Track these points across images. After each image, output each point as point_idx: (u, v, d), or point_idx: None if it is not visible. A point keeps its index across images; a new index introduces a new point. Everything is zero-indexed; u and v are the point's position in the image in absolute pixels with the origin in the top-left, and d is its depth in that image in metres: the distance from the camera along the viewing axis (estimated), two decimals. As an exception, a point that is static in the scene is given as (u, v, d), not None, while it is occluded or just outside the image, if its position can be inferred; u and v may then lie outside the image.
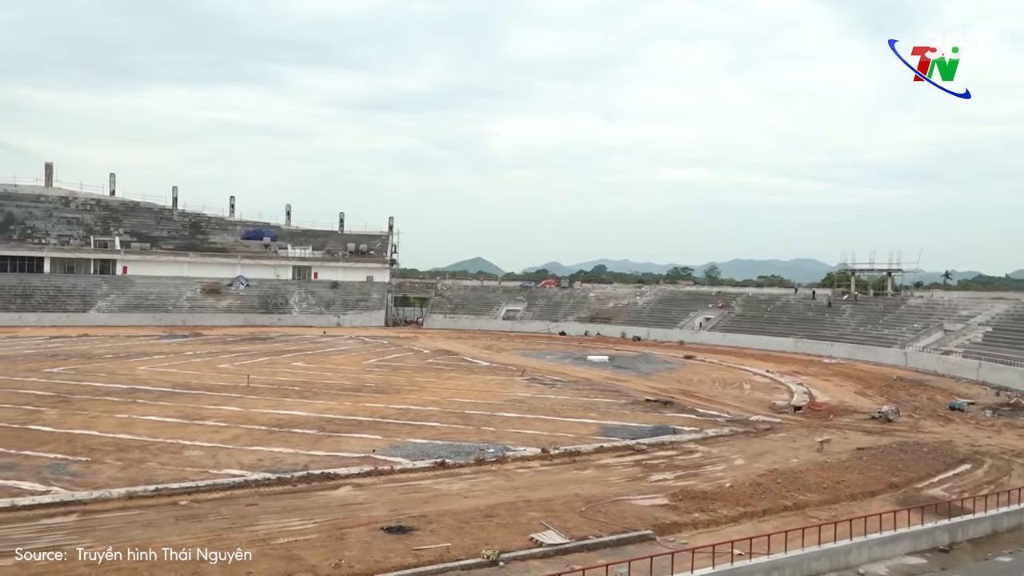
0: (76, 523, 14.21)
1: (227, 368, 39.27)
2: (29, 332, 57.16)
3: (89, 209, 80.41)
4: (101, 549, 12.48)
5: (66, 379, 33.49)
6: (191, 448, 20.69)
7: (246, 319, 71.48)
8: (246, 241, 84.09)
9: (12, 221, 75.19)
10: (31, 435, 21.78)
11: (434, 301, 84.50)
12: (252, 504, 15.63)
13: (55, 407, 26.33)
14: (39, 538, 13.23)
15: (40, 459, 19.03)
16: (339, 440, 22.37)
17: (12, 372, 35.11)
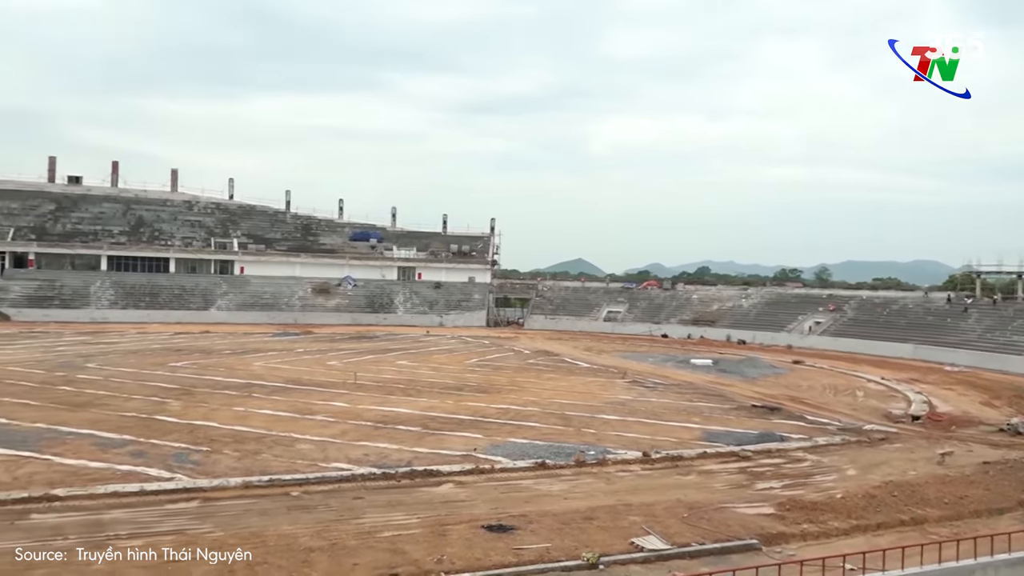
0: (197, 509, 15.01)
1: (335, 365, 40.66)
2: (156, 328, 60.96)
3: (210, 212, 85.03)
4: (220, 534, 13.19)
5: (189, 373, 35.50)
6: (302, 442, 21.52)
7: (353, 318, 73.82)
8: (354, 242, 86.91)
9: (142, 224, 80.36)
10: (158, 425, 23.20)
11: (534, 302, 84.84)
12: (358, 497, 16.11)
13: (179, 399, 27.95)
14: (164, 522, 14.07)
15: (165, 448, 20.24)
16: (441, 438, 22.77)
17: (141, 366, 37.53)
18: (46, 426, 22.40)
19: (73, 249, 74.77)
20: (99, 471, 17.70)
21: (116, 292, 71.14)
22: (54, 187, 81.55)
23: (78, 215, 79.04)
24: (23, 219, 76.22)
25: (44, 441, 20.46)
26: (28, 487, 16.09)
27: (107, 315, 66.86)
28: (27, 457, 18.76)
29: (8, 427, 22.13)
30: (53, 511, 14.53)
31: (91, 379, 32.48)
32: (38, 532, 13.23)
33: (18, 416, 23.69)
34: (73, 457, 18.90)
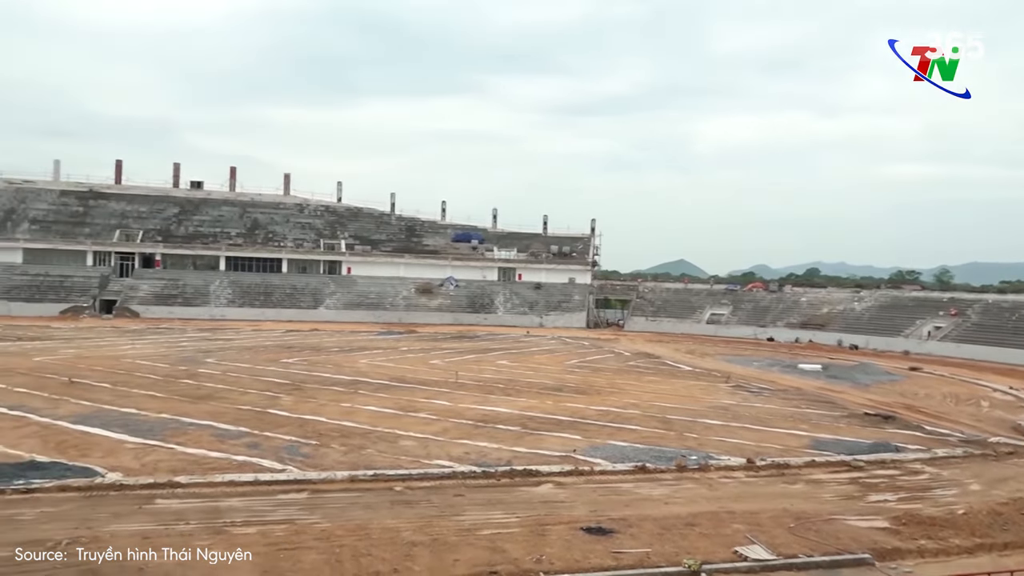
0: (306, 500, 15.60)
1: (438, 364, 41.43)
2: (269, 326, 63.81)
3: (319, 215, 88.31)
4: (327, 525, 13.67)
5: (299, 369, 36.96)
6: (405, 438, 22.03)
7: (455, 318, 75.03)
8: (456, 243, 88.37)
9: (257, 227, 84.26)
10: (270, 418, 24.26)
11: (635, 303, 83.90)
12: (459, 495, 16.35)
13: (290, 394, 29.15)
14: (276, 511, 14.69)
15: (277, 440, 21.14)
16: (540, 438, 22.83)
17: (256, 361, 39.36)
18: (170, 417, 23.79)
19: (195, 250, 79.22)
20: (217, 461, 18.67)
21: (233, 291, 74.86)
22: (178, 192, 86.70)
23: (199, 218, 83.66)
24: (151, 222, 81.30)
25: (168, 431, 21.74)
26: (154, 473, 17.14)
27: (225, 312, 70.46)
28: (153, 445, 19.99)
29: (137, 417, 23.65)
30: (176, 497, 15.41)
31: (210, 373, 34.30)
32: (162, 516, 14.07)
33: (145, 407, 25.29)
34: (194, 447, 20.00)
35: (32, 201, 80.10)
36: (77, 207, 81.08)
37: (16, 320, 60.02)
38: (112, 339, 49.39)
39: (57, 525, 13.23)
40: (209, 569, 11.55)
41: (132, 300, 70.93)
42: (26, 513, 13.99)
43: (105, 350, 42.53)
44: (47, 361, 36.31)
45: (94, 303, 69.62)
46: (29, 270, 72.30)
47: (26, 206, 79.39)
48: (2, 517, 13.72)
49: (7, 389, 27.71)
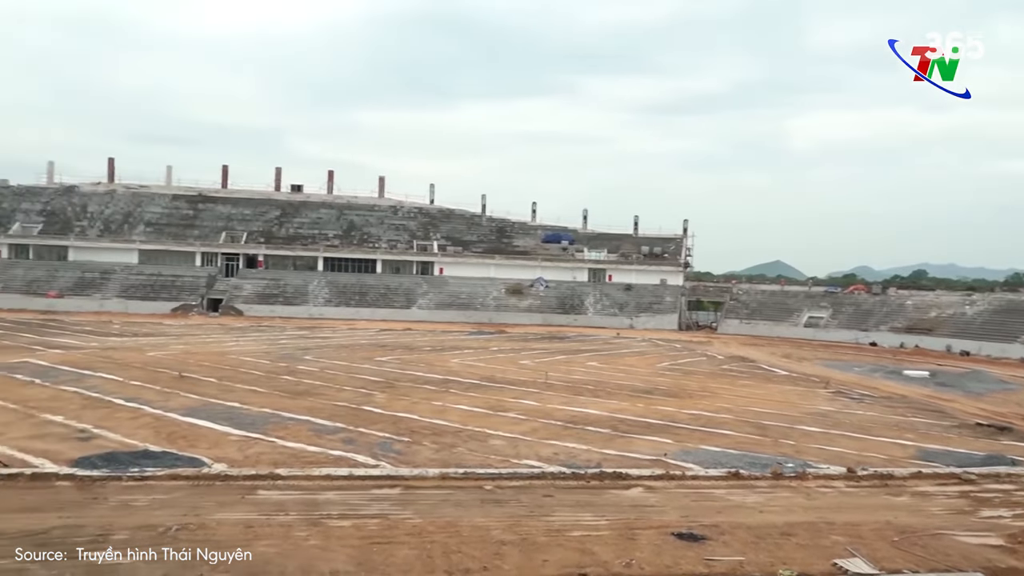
0: (399, 495, 15.93)
1: (527, 364, 41.60)
2: (364, 325, 65.55)
3: (412, 217, 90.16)
4: (419, 521, 13.93)
5: (392, 368, 37.81)
6: (494, 437, 22.21)
7: (544, 318, 75.21)
8: (546, 244, 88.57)
9: (353, 228, 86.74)
10: (365, 415, 24.91)
11: (728, 306, 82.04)
12: (548, 495, 16.35)
13: (383, 392, 29.85)
14: (370, 505, 15.06)
15: (371, 436, 21.68)
16: (630, 441, 22.60)
17: (351, 359, 40.50)
18: (271, 411, 24.76)
19: (295, 251, 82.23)
20: (314, 455, 19.30)
21: (330, 290, 77.28)
22: (279, 195, 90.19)
23: (299, 220, 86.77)
24: (254, 224, 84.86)
25: (269, 425, 22.63)
26: (256, 465, 17.87)
27: (322, 311, 72.82)
28: (255, 438, 20.84)
29: (240, 411, 24.71)
30: (276, 488, 16.01)
31: (308, 370, 35.51)
32: (264, 506, 14.64)
33: (248, 401, 26.40)
34: (293, 441, 20.74)
35: (147, 205, 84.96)
36: (187, 210, 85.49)
37: (132, 317, 63.77)
38: (218, 336, 51.80)
39: (168, 511, 13.96)
40: (307, 559, 11.95)
41: (236, 299, 74.19)
42: (140, 499, 14.82)
43: (212, 346, 44.64)
44: (159, 356, 38.40)
45: (202, 301, 73.20)
46: (144, 270, 76.70)
47: (142, 210, 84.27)
48: (119, 502, 14.58)
49: (124, 382, 29.44)
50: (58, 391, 26.94)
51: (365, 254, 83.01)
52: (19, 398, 25.17)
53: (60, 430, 21.03)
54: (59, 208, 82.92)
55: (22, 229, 79.30)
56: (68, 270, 75.54)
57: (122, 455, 18.34)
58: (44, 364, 33.45)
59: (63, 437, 20.21)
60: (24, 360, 34.52)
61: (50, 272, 74.70)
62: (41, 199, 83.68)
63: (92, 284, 73.42)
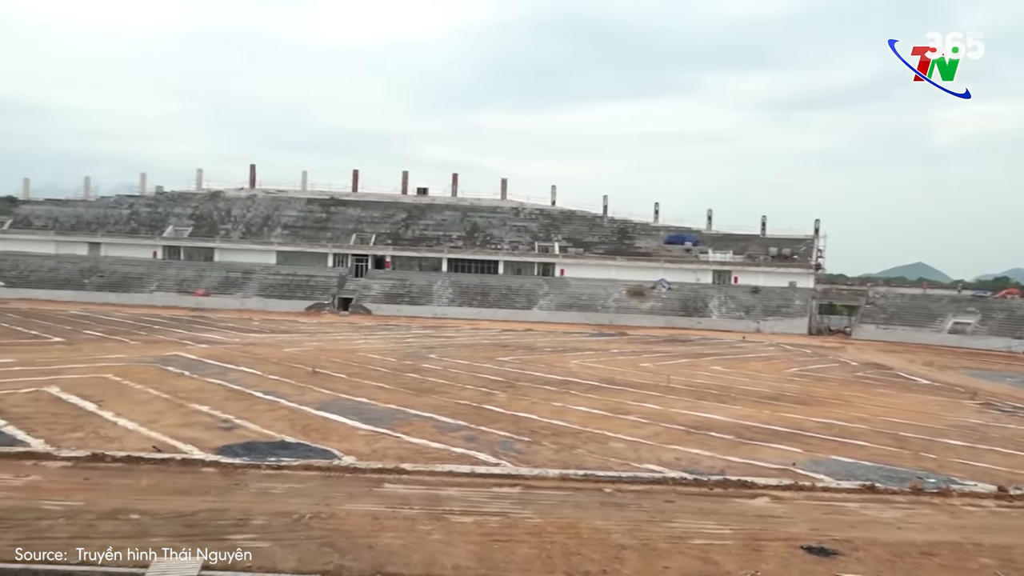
0: (519, 495, 16.08)
1: (648, 367, 41.04)
2: (486, 325, 66.61)
3: (534, 218, 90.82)
4: (539, 520, 14.02)
5: (513, 368, 38.22)
6: (614, 440, 22.04)
7: (667, 321, 73.95)
8: (668, 245, 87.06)
9: (476, 230, 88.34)
10: (486, 413, 25.31)
11: (864, 310, 77.91)
12: (669, 501, 16.07)
13: (504, 391, 30.22)
14: (491, 503, 15.28)
15: (492, 435, 22.00)
16: (756, 448, 21.87)
17: (473, 359, 41.25)
18: (396, 407, 25.58)
19: (420, 252, 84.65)
20: (438, 451, 19.79)
21: (454, 291, 79.02)
22: (406, 198, 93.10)
23: (424, 222, 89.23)
24: (382, 226, 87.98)
25: (395, 420, 23.39)
26: (383, 459, 18.51)
27: (446, 311, 74.55)
28: (382, 433, 21.61)
29: (368, 406, 25.68)
30: (401, 483, 16.53)
31: (432, 368, 36.45)
32: (390, 499, 15.15)
33: (376, 397, 27.39)
34: (417, 437, 21.35)
35: (284, 209, 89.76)
36: (320, 214, 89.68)
37: (270, 315, 67.53)
38: (348, 334, 54.05)
39: (301, 500, 14.69)
40: (430, 552, 12.27)
41: (365, 298, 77.14)
42: (277, 487, 15.67)
43: (342, 344, 46.62)
44: (294, 352, 40.46)
45: (333, 301, 76.57)
46: (281, 270, 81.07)
47: (279, 213, 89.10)
48: (258, 489, 15.48)
49: (263, 376, 31.22)
50: (204, 383, 28.90)
51: (488, 255, 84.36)
52: (171, 389, 27.20)
53: (206, 419, 22.57)
54: (206, 212, 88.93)
55: (174, 232, 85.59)
56: (214, 270, 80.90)
57: (261, 445, 19.48)
58: (192, 357, 35.98)
59: (208, 426, 21.68)
60: (175, 354, 37.25)
61: (198, 272, 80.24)
62: (191, 204, 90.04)
63: (235, 283, 78.29)
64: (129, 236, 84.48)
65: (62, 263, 79.75)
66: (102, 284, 76.65)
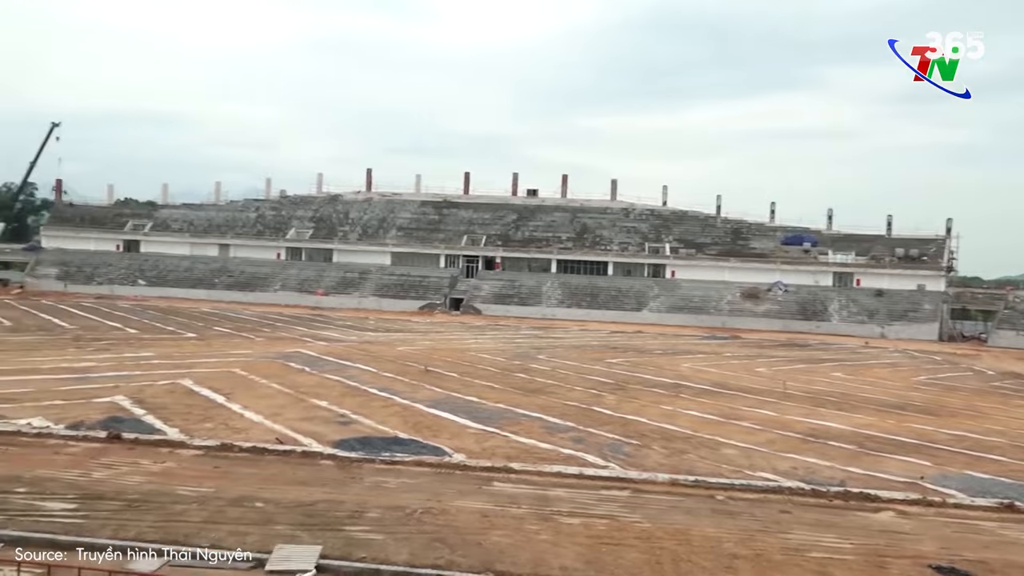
0: (627, 498, 15.92)
1: (763, 372, 39.76)
2: (595, 326, 66.32)
3: (644, 219, 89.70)
4: (647, 525, 13.84)
5: (622, 370, 37.87)
6: (727, 446, 21.48)
7: (783, 324, 71.39)
8: (785, 246, 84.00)
9: (586, 231, 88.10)
10: (595, 415, 25.19)
11: (1002, 315, 72.69)
12: (785, 511, 15.51)
13: (613, 393, 29.99)
14: (598, 505, 15.20)
15: (601, 437, 21.88)
16: (879, 460, 20.79)
17: (582, 360, 41.15)
18: (505, 407, 25.84)
19: (529, 253, 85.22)
20: (546, 452, 19.87)
21: (563, 292, 79.10)
22: (516, 200, 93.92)
23: (534, 223, 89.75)
24: (492, 228, 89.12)
25: (504, 420, 23.64)
26: (492, 458, 18.75)
27: (555, 312, 74.70)
28: (491, 432, 21.89)
29: (478, 405, 26.07)
30: (510, 481, 16.69)
31: (541, 369, 36.60)
32: (499, 498, 15.33)
33: (485, 396, 27.77)
34: (526, 436, 21.51)
35: (399, 211, 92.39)
36: (433, 215, 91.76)
37: (385, 314, 69.66)
38: (459, 333, 55.04)
39: (413, 495, 15.07)
40: (538, 552, 12.33)
41: (476, 299, 78.35)
42: (390, 482, 16.15)
43: (453, 343, 47.52)
44: (407, 351, 41.56)
45: (445, 301, 78.19)
46: (395, 271, 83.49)
47: (394, 215, 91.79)
48: (373, 483, 16.00)
49: (378, 374, 32.23)
50: (323, 379, 30.12)
51: (597, 256, 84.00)
52: (292, 384, 28.50)
53: (324, 414, 23.53)
54: (326, 215, 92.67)
55: (296, 234, 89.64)
56: (332, 270, 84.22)
57: (375, 440, 20.12)
58: (312, 354, 37.58)
59: (327, 420, 22.59)
60: (297, 350, 39.01)
61: (318, 272, 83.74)
62: (312, 207, 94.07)
63: (352, 283, 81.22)
64: (255, 238, 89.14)
65: (195, 263, 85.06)
66: (231, 283, 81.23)
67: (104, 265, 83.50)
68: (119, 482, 15.12)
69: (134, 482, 15.16)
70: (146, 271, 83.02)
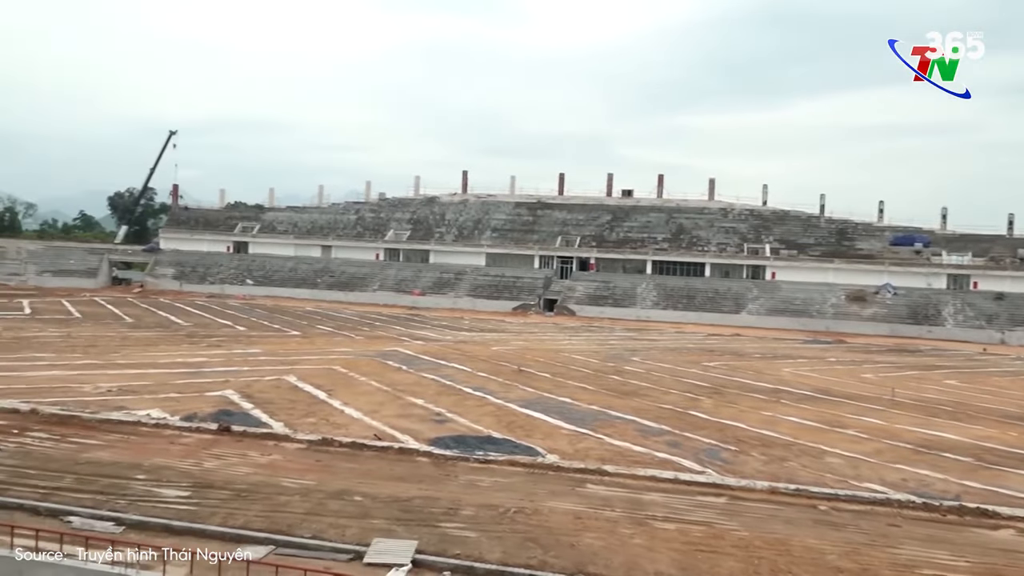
0: (724, 505, 15.55)
1: (869, 378, 38.05)
2: (691, 328, 65.06)
3: (743, 219, 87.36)
4: (745, 534, 13.46)
5: (719, 374, 37.00)
6: (830, 455, 20.68)
7: (891, 329, 68.10)
8: (894, 247, 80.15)
9: (682, 232, 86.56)
10: (690, 419, 24.73)
11: None
12: (894, 525, 14.81)
13: (710, 398, 29.35)
14: (694, 512, 14.91)
15: (697, 442, 21.45)
16: (999, 474, 19.55)
17: (677, 363, 40.44)
18: (598, 409, 25.70)
19: (624, 254, 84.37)
20: (639, 455, 19.64)
21: (658, 293, 77.96)
22: (610, 200, 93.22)
23: (628, 224, 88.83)
24: (587, 228, 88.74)
25: (597, 422, 23.51)
26: (585, 459, 18.69)
27: (649, 314, 73.70)
28: (584, 434, 21.80)
29: (571, 406, 26.02)
30: (603, 484, 16.59)
31: (635, 371, 36.19)
32: (591, 500, 15.25)
33: (578, 397, 27.68)
34: (619, 439, 21.32)
35: (493, 212, 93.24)
36: (527, 216, 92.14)
37: (479, 314, 70.43)
38: (552, 334, 55.06)
39: (507, 494, 15.18)
40: (632, 556, 12.19)
41: (569, 300, 78.18)
42: (484, 480, 16.32)
43: (546, 344, 47.57)
44: (501, 351, 41.88)
45: (539, 301, 78.35)
46: (490, 271, 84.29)
47: (489, 216, 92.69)
48: (467, 481, 16.20)
49: (472, 373, 32.63)
50: (419, 377, 30.72)
51: (693, 257, 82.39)
52: (390, 382, 29.20)
53: (420, 412, 24.00)
54: (423, 217, 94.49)
55: (394, 235, 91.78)
56: (429, 271, 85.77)
57: (470, 439, 20.37)
58: (409, 353, 38.39)
59: (422, 418, 23.04)
60: (394, 349, 39.95)
61: (415, 272, 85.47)
62: (409, 209, 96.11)
63: (447, 284, 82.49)
64: (355, 239, 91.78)
65: (299, 264, 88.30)
66: (332, 283, 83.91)
67: (216, 265, 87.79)
68: (228, 472, 15.87)
69: (242, 473, 15.88)
70: (254, 271, 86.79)
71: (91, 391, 24.56)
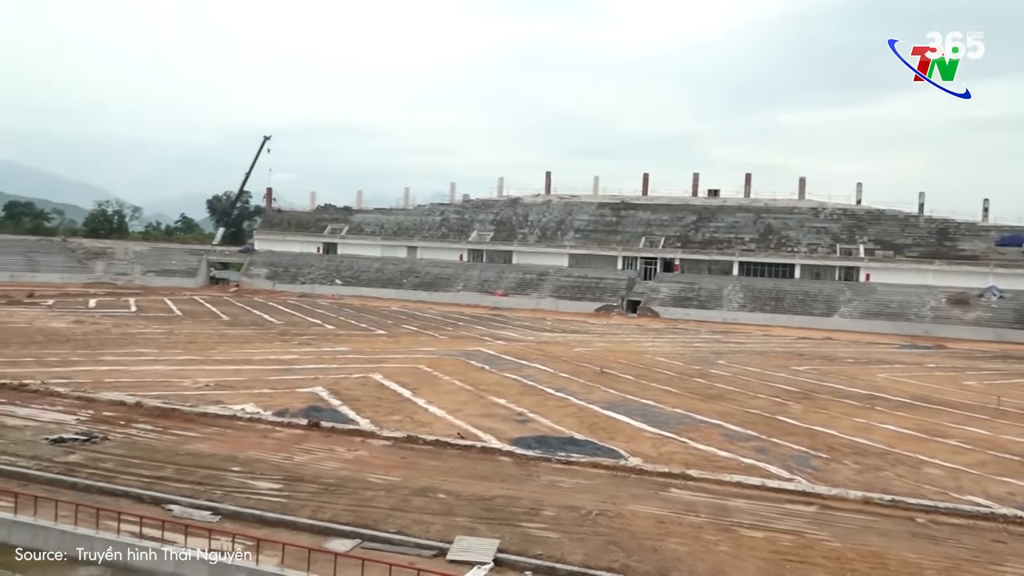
0: (814, 514, 15.06)
1: (973, 386, 36.15)
2: (779, 332, 63.23)
3: (836, 219, 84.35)
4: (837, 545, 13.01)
5: (809, 378, 35.84)
6: (929, 465, 19.75)
7: (996, 334, 64.50)
8: (1001, 248, 75.86)
9: (770, 232, 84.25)
10: (778, 425, 24.04)
11: None
12: (998, 541, 14.03)
13: (799, 403, 28.46)
14: (782, 520, 14.50)
15: (785, 448, 20.84)
16: (1119, 491, 18.24)
17: (765, 367, 39.39)
18: (683, 412, 25.28)
19: (710, 255, 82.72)
20: (725, 460, 19.22)
21: (745, 295, 76.11)
22: (696, 200, 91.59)
23: (715, 224, 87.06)
24: (671, 229, 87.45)
25: (681, 425, 23.14)
26: (668, 463, 18.42)
27: (736, 316, 72.03)
28: (668, 437, 21.50)
29: (654, 409, 25.69)
30: (687, 489, 16.32)
31: (720, 374, 35.43)
32: (675, 504, 15.03)
33: (662, 400, 27.31)
34: (704, 443, 20.92)
35: (576, 213, 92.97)
36: (611, 217, 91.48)
37: (561, 315, 70.33)
38: (635, 336, 54.49)
39: (588, 496, 15.12)
40: (717, 563, 11.95)
41: (653, 301, 77.21)
42: (565, 481, 16.30)
43: (629, 345, 47.11)
44: (583, 352, 41.72)
45: (622, 303, 77.67)
46: (572, 272, 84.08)
47: (572, 217, 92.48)
48: (548, 481, 16.22)
49: (554, 374, 32.63)
50: (502, 377, 30.93)
51: (782, 259, 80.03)
52: (473, 381, 29.50)
53: (502, 411, 24.15)
54: (506, 218, 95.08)
55: (478, 236, 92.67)
56: (511, 272, 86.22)
57: (552, 439, 20.37)
58: (491, 353, 38.69)
59: (505, 418, 23.18)
60: (477, 348, 40.33)
61: (498, 273, 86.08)
62: (492, 210, 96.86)
63: (530, 284, 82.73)
64: (440, 240, 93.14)
65: (386, 264, 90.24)
66: (417, 283, 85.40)
67: (306, 266, 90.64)
68: (317, 467, 16.37)
69: (330, 467, 16.35)
70: (342, 271, 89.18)
71: (191, 385, 25.75)
